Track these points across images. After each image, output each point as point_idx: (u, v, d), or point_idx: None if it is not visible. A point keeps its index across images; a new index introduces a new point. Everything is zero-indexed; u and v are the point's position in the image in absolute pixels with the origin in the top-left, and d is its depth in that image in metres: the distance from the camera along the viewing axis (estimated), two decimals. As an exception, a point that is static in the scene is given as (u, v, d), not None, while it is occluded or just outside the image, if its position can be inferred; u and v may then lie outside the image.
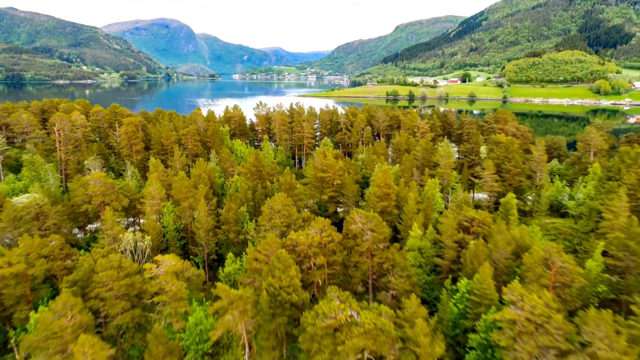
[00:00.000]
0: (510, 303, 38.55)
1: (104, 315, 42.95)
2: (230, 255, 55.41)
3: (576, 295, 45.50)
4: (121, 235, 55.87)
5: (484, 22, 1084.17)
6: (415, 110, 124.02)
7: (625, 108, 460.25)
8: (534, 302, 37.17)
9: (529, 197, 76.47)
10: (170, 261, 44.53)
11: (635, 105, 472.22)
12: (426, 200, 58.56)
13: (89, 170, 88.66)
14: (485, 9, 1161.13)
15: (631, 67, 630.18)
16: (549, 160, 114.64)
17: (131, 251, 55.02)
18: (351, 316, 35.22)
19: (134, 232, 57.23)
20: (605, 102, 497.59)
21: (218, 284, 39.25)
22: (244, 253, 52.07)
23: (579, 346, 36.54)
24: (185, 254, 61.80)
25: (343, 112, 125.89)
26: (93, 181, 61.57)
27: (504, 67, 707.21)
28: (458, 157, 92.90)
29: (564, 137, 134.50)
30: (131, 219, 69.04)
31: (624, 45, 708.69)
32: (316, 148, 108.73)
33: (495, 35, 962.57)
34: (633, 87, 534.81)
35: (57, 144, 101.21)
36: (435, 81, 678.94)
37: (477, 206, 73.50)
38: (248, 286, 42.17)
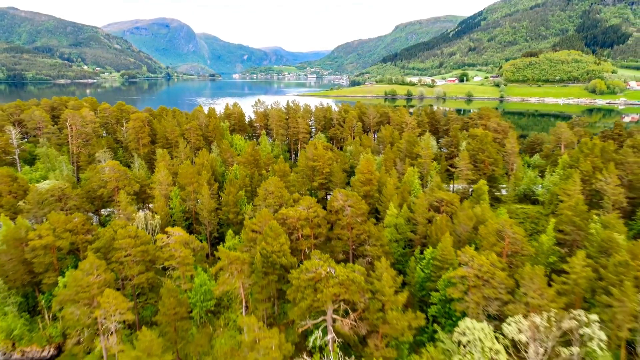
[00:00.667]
0: (463, 263, 46.28)
1: (122, 277, 50.71)
2: (230, 232, 63.17)
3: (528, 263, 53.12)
4: (134, 214, 63.57)
5: (483, 22, 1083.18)
6: (404, 107, 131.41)
7: (620, 107, 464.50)
8: (481, 261, 44.88)
9: (503, 185, 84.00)
10: (178, 232, 52.29)
11: (630, 104, 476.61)
12: (403, 185, 66.22)
13: (99, 162, 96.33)
14: (484, 9, 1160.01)
15: (627, 67, 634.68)
16: (531, 155, 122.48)
17: (143, 228, 62.64)
18: (329, 272, 42.94)
19: (144, 213, 64.95)
20: (601, 102, 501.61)
21: (220, 247, 47.04)
22: (242, 231, 59.74)
23: (519, 297, 44.23)
24: (190, 232, 69.41)
25: (337, 109, 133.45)
26: (108, 168, 69.35)
27: (501, 67, 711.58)
28: (440, 149, 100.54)
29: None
30: (141, 204, 76.48)
31: (620, 45, 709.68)
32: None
33: (494, 35, 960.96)
34: (628, 87, 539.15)
35: (70, 138, 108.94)
36: (433, 80, 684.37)
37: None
38: (245, 252, 49.87)
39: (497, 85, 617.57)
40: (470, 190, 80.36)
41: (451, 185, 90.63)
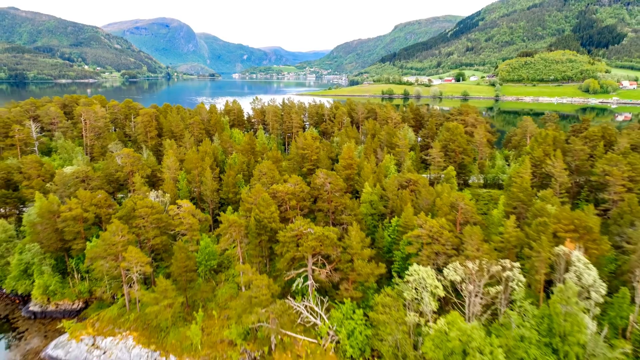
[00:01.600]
0: (418, 226, 57.05)
1: (141, 239, 61.48)
2: (229, 208, 73.92)
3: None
4: (147, 193, 74.26)
5: (481, 22, 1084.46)
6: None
7: (613, 106, 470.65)
8: (432, 224, 55.71)
9: (470, 171, 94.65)
10: (187, 204, 63.11)
11: (622, 103, 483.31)
12: (379, 169, 76.88)
13: (111, 152, 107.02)
14: (481, 9, 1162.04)
15: (622, 67, 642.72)
16: (510, 148, 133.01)
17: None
18: (308, 231, 53.74)
19: (156, 192, 75.66)
20: (594, 101, 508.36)
21: (221, 214, 57.86)
22: (240, 203, 70.35)
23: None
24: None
25: (329, 106, 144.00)
26: (124, 155, 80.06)
27: (497, 67, 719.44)
28: (420, 141, 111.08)
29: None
30: (152, 187, 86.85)
31: (615, 45, 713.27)
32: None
33: (491, 35, 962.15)
34: (621, 86, 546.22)
35: (84, 131, 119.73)
36: (429, 80, 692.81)
37: (432, 182, 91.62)
38: (242, 219, 60.61)
39: (493, 84, 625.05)
40: (442, 176, 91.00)
41: (428, 175, 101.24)
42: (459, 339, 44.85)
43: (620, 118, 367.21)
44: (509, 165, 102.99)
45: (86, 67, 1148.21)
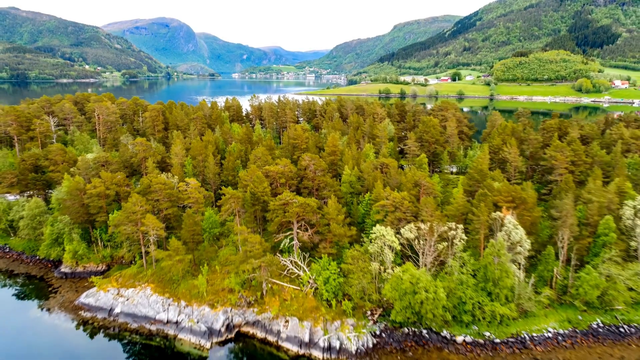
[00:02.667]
0: (384, 198, 69.35)
1: (156, 210, 73.78)
2: (229, 188, 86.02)
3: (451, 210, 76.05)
4: (159, 176, 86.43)
5: (478, 22, 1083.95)
6: (379, 102, 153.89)
7: (605, 105, 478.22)
8: (395, 196, 68.02)
9: (442, 159, 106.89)
10: (193, 182, 75.42)
11: (614, 102, 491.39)
12: (358, 155, 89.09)
13: (125, 143, 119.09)
14: (479, 9, 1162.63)
15: (616, 67, 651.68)
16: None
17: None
18: (293, 200, 66.03)
19: (166, 174, 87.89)
20: (586, 100, 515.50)
21: (223, 187, 70.14)
22: (238, 183, 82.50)
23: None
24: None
25: (321, 103, 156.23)
26: (137, 143, 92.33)
27: (492, 66, 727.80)
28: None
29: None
30: (161, 172, 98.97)
31: (610, 45, 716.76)
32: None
33: (488, 35, 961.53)
34: (613, 86, 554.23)
35: (97, 125, 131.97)
36: (426, 80, 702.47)
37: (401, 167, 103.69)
38: (239, 193, 72.89)
39: (488, 84, 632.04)
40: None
41: (408, 165, 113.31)
42: (410, 282, 57.14)
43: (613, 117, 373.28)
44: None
45: (87, 66, 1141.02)
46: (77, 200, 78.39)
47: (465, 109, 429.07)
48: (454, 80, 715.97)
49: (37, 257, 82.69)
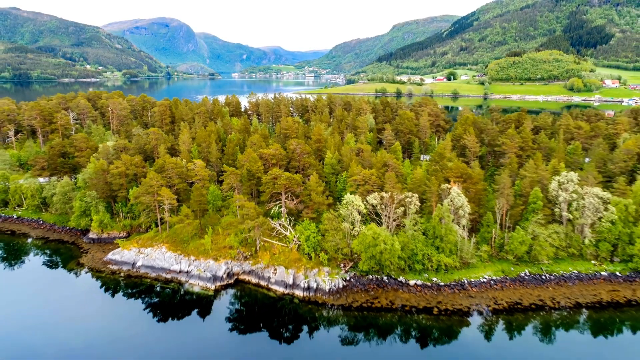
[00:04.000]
0: (357, 174, 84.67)
1: (169, 184, 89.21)
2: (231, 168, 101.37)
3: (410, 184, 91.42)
4: (171, 158, 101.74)
5: (475, 22, 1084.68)
6: (364, 99, 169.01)
7: (595, 104, 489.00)
8: (365, 172, 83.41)
9: (414, 147, 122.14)
10: (199, 162, 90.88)
11: (604, 101, 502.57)
12: (340, 143, 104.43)
13: (139, 134, 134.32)
14: (477, 9, 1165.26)
15: (609, 66, 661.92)
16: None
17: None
18: (281, 175, 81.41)
19: (176, 159, 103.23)
20: (577, 99, 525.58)
21: (224, 166, 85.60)
22: (237, 164, 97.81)
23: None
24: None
25: (312, 99, 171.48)
26: (150, 132, 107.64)
27: (487, 66, 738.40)
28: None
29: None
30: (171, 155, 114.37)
31: (603, 45, 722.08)
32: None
33: (485, 35, 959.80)
34: (604, 85, 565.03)
35: (111, 119, 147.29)
36: (421, 79, 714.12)
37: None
38: (238, 170, 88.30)
39: (482, 83, 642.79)
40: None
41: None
42: (372, 237, 72.49)
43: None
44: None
45: (88, 66, 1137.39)
46: (101, 179, 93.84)
47: (460, 108, 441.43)
48: (449, 79, 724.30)
49: (67, 227, 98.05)
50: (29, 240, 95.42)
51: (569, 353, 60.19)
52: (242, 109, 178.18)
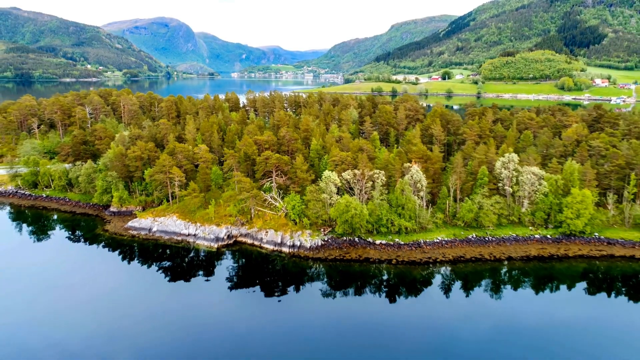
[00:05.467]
0: (335, 156, 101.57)
1: (179, 164, 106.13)
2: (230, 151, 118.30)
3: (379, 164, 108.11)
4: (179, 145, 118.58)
5: (472, 22, 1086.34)
6: (352, 96, 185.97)
7: (585, 102, 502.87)
8: (342, 154, 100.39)
9: (390, 137, 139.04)
10: (204, 147, 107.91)
11: (594, 99, 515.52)
12: (325, 132, 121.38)
13: (144, 127, 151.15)
14: (473, 9, 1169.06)
15: (601, 66, 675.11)
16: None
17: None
18: (272, 156, 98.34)
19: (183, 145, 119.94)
20: (568, 97, 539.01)
21: (225, 149, 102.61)
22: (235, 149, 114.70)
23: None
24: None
25: (305, 96, 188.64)
26: (161, 123, 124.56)
27: (481, 65, 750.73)
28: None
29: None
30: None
31: (596, 45, 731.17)
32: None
33: (481, 35, 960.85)
34: (593, 84, 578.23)
35: (123, 113, 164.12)
36: (417, 78, 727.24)
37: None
38: (236, 153, 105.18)
39: (476, 82, 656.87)
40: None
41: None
42: (345, 205, 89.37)
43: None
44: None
45: (89, 66, 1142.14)
46: (120, 162, 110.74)
47: (455, 107, 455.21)
48: (443, 79, 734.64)
49: (91, 204, 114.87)
50: (58, 214, 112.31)
51: (500, 290, 77.31)
52: (241, 105, 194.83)
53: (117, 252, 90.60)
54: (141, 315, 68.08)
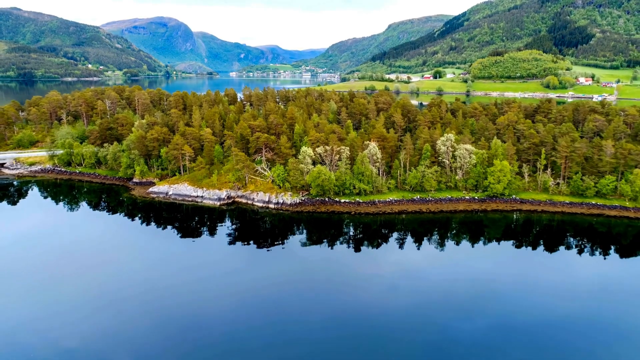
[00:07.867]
0: (311, 136, 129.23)
1: (188, 144, 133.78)
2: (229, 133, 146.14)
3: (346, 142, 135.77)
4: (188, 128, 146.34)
5: (466, 22, 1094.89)
6: (333, 91, 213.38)
7: (569, 100, 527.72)
8: (317, 134, 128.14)
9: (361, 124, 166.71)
10: (208, 129, 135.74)
11: (577, 97, 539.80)
12: (306, 119, 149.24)
13: (157, 117, 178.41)
14: (467, 10, 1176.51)
15: (588, 65, 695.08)
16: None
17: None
18: (261, 135, 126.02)
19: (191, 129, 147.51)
20: (552, 95, 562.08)
21: (225, 131, 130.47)
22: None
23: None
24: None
25: (294, 92, 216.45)
26: (172, 112, 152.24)
27: (471, 64, 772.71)
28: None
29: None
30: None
31: (584, 44, 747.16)
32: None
33: (474, 35, 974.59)
34: (577, 82, 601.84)
35: (137, 106, 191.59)
36: (409, 77, 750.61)
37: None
38: (234, 134, 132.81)
39: (465, 81, 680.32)
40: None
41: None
42: (317, 172, 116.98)
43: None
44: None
45: (90, 65, 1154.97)
46: (141, 142, 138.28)
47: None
48: (435, 77, 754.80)
49: (117, 177, 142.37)
50: (90, 185, 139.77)
51: (434, 233, 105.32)
52: (238, 100, 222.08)
53: (141, 210, 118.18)
54: (156, 257, 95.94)
